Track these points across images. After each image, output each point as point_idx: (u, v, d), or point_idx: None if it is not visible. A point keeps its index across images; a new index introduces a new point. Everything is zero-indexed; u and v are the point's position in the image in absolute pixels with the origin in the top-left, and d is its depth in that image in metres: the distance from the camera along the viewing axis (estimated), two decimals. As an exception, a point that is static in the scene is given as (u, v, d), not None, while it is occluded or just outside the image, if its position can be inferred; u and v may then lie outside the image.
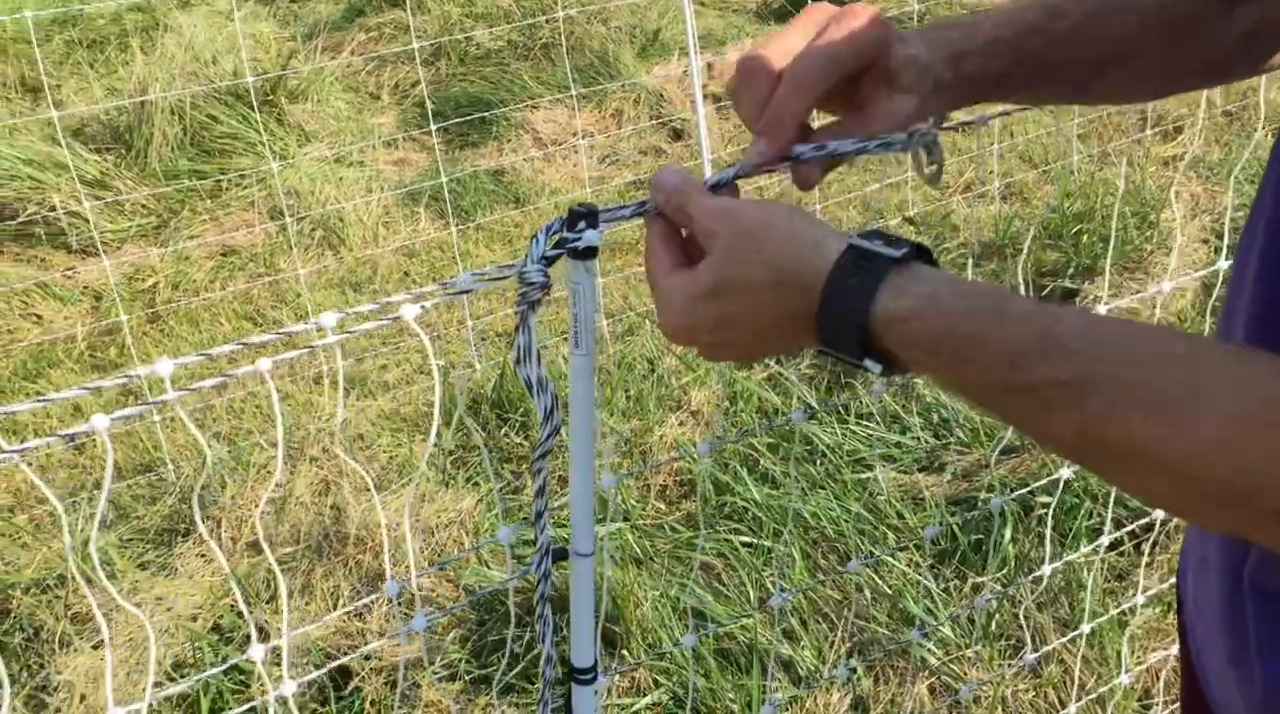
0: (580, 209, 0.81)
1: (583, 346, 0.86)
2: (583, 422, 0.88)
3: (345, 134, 4.51)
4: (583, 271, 0.82)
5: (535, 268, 0.80)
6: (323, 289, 3.64)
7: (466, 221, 3.99)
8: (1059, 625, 2.15)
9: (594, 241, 0.80)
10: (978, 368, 0.57)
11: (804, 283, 0.62)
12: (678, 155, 4.37)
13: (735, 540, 2.38)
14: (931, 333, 0.58)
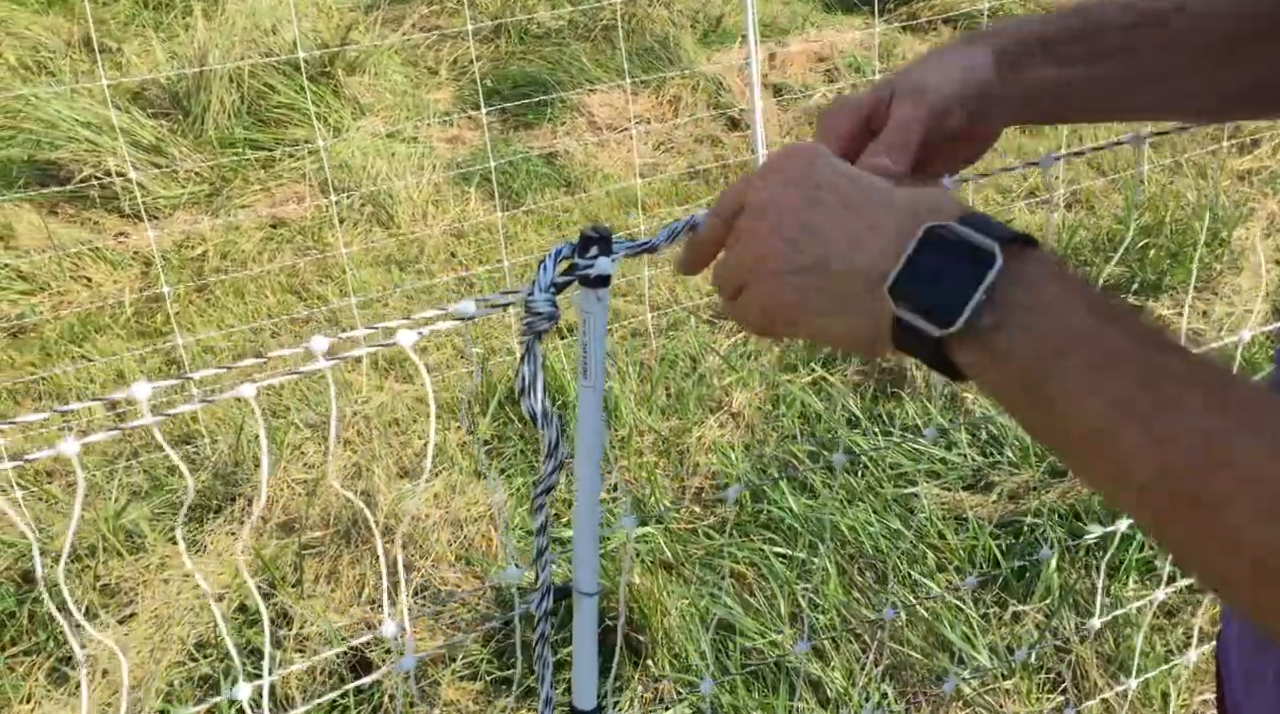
0: (593, 233, 0.76)
1: (591, 378, 0.81)
2: (589, 456, 0.83)
3: (400, 109, 4.48)
4: (594, 300, 0.77)
5: (543, 297, 0.75)
6: (369, 266, 3.62)
7: (516, 204, 3.95)
8: (1102, 662, 2.07)
9: (607, 270, 0.75)
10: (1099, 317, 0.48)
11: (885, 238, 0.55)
12: (734, 146, 4.29)
13: (769, 550, 2.32)
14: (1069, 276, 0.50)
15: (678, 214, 3.85)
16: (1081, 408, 0.47)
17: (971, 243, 0.51)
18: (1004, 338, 0.50)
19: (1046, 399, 0.49)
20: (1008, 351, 0.50)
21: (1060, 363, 0.48)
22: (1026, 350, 0.49)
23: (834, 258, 0.56)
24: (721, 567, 2.31)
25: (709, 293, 3.38)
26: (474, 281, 3.50)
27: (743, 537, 2.39)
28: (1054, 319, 0.49)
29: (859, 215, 0.56)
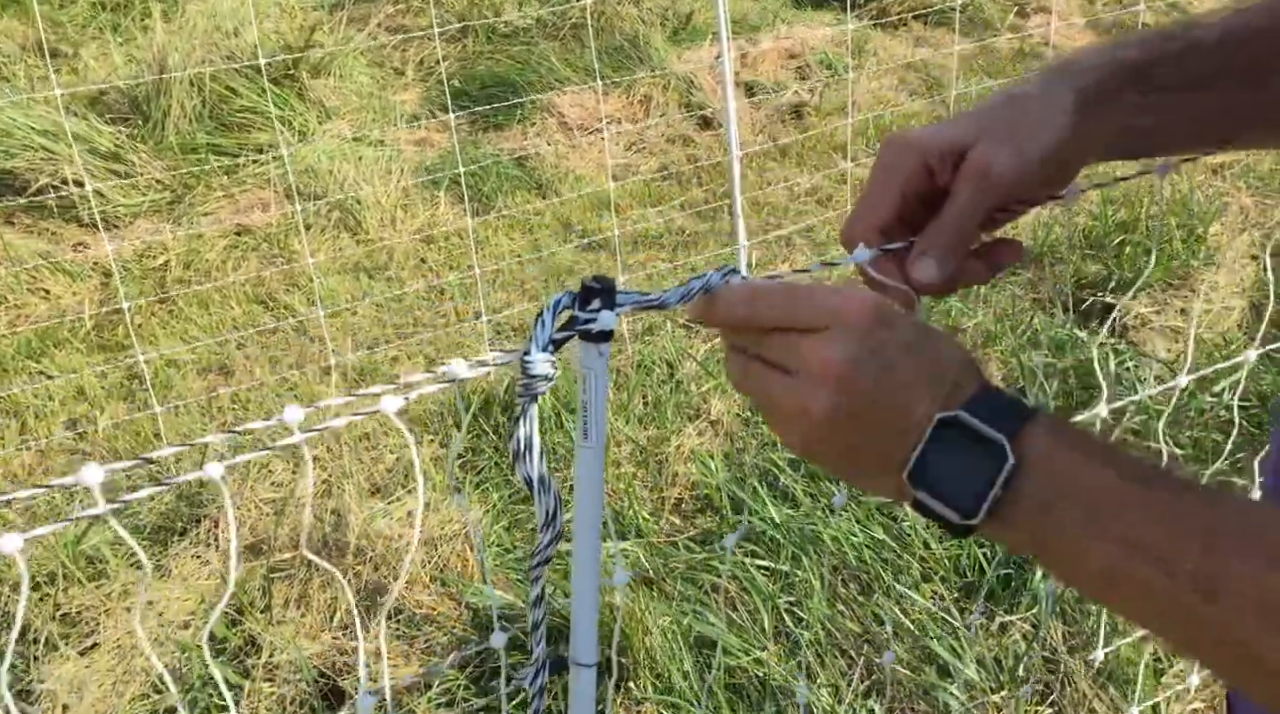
0: (595, 284, 0.70)
1: (591, 438, 0.75)
2: (589, 523, 0.77)
3: (367, 112, 4.40)
4: (595, 356, 0.71)
5: (541, 357, 0.69)
6: (337, 274, 3.54)
7: (487, 208, 3.88)
8: (1091, 672, 2.04)
9: (610, 324, 0.69)
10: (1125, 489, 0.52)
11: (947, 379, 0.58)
12: (706, 145, 4.24)
13: (751, 564, 2.27)
14: (1075, 488, 0.54)
15: (651, 216, 3.80)
16: (1090, 554, 0.52)
17: (980, 435, 0.54)
18: (1019, 514, 0.54)
19: (1059, 554, 0.54)
20: (1023, 525, 0.54)
21: (1068, 519, 0.53)
22: (1041, 524, 0.54)
23: (864, 444, 0.59)
24: (703, 581, 2.27)
25: (684, 296, 3.33)
26: (445, 288, 3.43)
27: (724, 549, 2.34)
28: (1065, 491, 0.53)
29: (893, 399, 0.57)
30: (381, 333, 3.25)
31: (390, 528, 2.26)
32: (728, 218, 3.68)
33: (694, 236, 3.67)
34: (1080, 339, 2.90)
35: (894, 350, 0.58)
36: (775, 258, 3.52)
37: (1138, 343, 2.99)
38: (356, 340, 3.21)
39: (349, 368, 3.03)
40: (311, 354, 3.15)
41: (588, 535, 0.79)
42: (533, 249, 3.64)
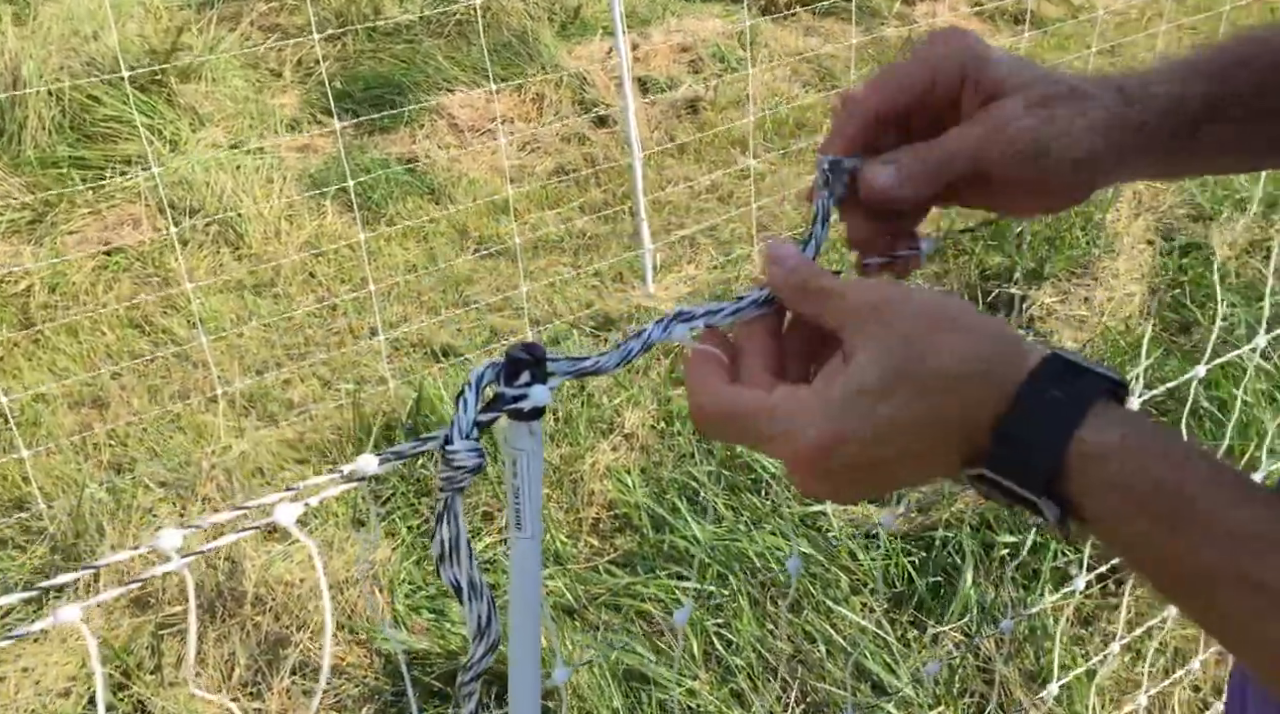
0: (522, 355, 0.59)
1: (527, 528, 0.64)
2: (528, 622, 0.67)
3: (243, 117, 4.17)
4: (525, 435, 0.61)
5: (465, 446, 0.58)
6: (219, 293, 3.33)
7: (377, 216, 3.71)
8: (1025, 679, 2.00)
9: (543, 401, 0.59)
10: (1192, 541, 0.45)
11: (997, 378, 0.49)
12: (603, 144, 4.13)
13: (676, 586, 2.19)
14: (1148, 478, 0.46)
15: (550, 220, 3.67)
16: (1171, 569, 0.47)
17: (1015, 494, 0.49)
18: (1095, 529, 0.49)
19: (1139, 564, 0.48)
20: (1103, 535, 0.49)
21: (1140, 539, 0.47)
22: (1117, 533, 0.48)
23: (890, 482, 0.53)
24: (627, 607, 2.17)
25: (589, 302, 3.23)
26: (337, 304, 3.26)
27: (647, 572, 2.25)
28: (1125, 525, 0.47)
29: (893, 474, 0.52)
30: (271, 355, 3.07)
31: (290, 573, 2.11)
32: (629, 219, 3.59)
33: (596, 240, 3.57)
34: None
35: (864, 455, 0.50)
36: (680, 259, 3.44)
37: (1045, 334, 2.99)
38: (244, 364, 3.03)
39: (237, 395, 2.84)
40: (195, 381, 2.95)
41: (527, 637, 0.68)
42: (428, 259, 3.49)
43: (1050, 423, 0.47)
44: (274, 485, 2.47)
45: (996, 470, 0.48)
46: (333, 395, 2.86)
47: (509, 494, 0.63)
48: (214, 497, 2.41)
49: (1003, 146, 0.58)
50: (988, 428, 0.48)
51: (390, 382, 2.82)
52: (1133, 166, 0.60)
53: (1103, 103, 0.59)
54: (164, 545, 0.55)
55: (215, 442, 2.63)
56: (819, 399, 0.50)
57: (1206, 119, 0.59)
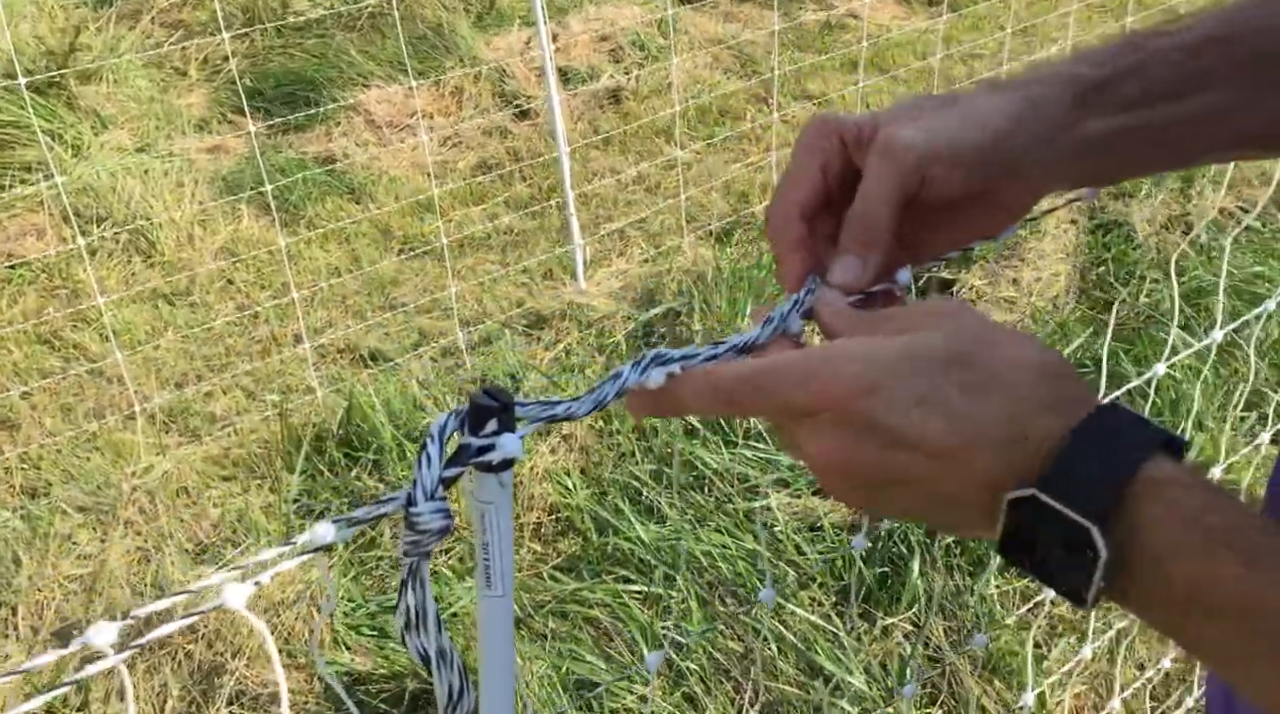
0: (487, 401, 0.54)
1: (497, 586, 0.60)
2: (501, 686, 0.62)
3: (149, 119, 4.01)
4: (495, 487, 0.56)
5: (430, 508, 0.53)
6: (132, 304, 3.20)
7: (296, 219, 3.60)
8: (975, 666, 2.01)
9: (514, 452, 0.54)
10: (1259, 582, 0.40)
11: (1063, 396, 0.46)
12: (525, 137, 4.06)
13: (623, 589, 2.15)
14: (1225, 519, 0.42)
15: (476, 216, 3.60)
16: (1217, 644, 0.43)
17: (1064, 519, 0.44)
18: (1139, 596, 0.44)
19: (1189, 638, 0.44)
20: (1147, 604, 0.45)
21: (1189, 613, 0.43)
22: (1157, 605, 0.44)
23: (927, 512, 0.49)
24: (574, 614, 2.13)
25: (519, 301, 3.17)
26: (258, 311, 3.15)
27: (593, 577, 2.21)
28: (1175, 576, 0.43)
29: (924, 475, 0.47)
30: (190, 367, 2.95)
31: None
32: (556, 214, 3.53)
33: (523, 236, 3.51)
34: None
35: (897, 418, 0.46)
36: (610, 253, 3.39)
37: (976, 317, 3.01)
38: (162, 378, 2.91)
39: (157, 411, 2.73)
40: (111, 398, 2.83)
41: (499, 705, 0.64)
42: (352, 261, 3.39)
43: (1120, 450, 0.43)
44: (200, 506, 2.37)
45: (1050, 490, 0.43)
46: (258, 407, 2.76)
47: (478, 549, 0.58)
48: (136, 520, 2.31)
49: (902, 167, 0.56)
50: (1044, 449, 0.45)
51: (318, 390, 2.73)
52: (1041, 163, 0.57)
53: (986, 101, 0.58)
54: (97, 642, 0.49)
55: (135, 461, 2.52)
56: (868, 348, 0.47)
57: (1083, 102, 0.57)
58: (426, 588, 0.56)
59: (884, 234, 0.57)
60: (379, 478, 2.44)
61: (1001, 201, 0.59)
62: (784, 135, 4.00)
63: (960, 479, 0.46)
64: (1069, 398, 0.46)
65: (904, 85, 4.41)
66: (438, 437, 0.54)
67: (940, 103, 0.58)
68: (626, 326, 2.95)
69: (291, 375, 2.90)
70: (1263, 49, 0.58)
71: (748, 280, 2.97)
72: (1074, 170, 0.59)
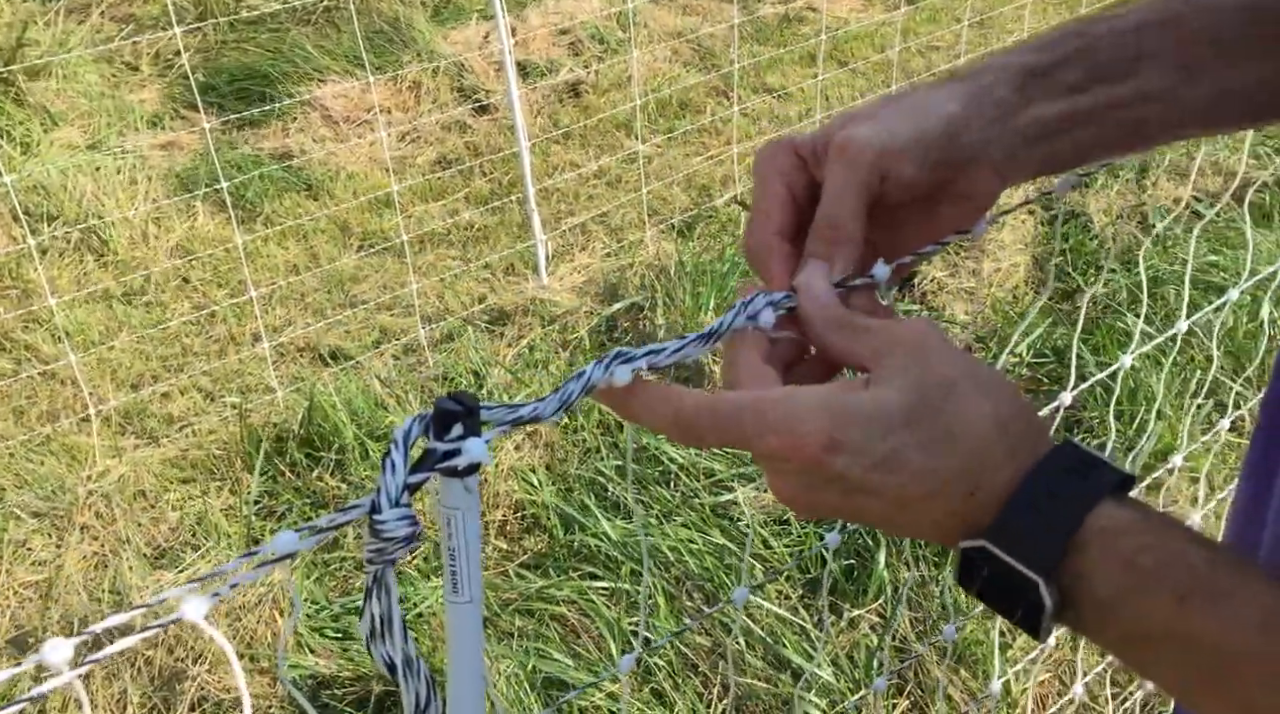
0: (451, 406, 0.53)
1: (464, 591, 0.58)
2: (469, 695, 0.61)
3: (100, 115, 3.94)
4: (461, 492, 0.55)
5: (395, 515, 0.52)
6: (85, 304, 3.14)
7: (253, 216, 3.55)
8: (941, 657, 2.02)
9: (480, 456, 0.53)
10: (1214, 620, 0.43)
11: (1014, 450, 0.47)
12: (485, 132, 4.03)
13: (590, 587, 2.14)
14: (1168, 550, 0.44)
15: (435, 212, 3.57)
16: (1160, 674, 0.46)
17: (1012, 569, 0.46)
18: (1088, 628, 0.47)
19: (1138, 667, 0.48)
20: (1095, 633, 0.47)
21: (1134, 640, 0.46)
22: (1108, 638, 0.47)
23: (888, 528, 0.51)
24: (541, 612, 2.12)
25: (481, 297, 3.15)
26: (215, 310, 3.10)
27: (560, 574, 2.20)
28: (1121, 615, 0.45)
29: (886, 516, 0.49)
30: (146, 368, 2.90)
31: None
32: (517, 209, 3.51)
33: (484, 231, 3.48)
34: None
35: (858, 473, 0.47)
36: (572, 247, 3.38)
37: (938, 308, 3.03)
38: (117, 379, 2.86)
39: (112, 413, 2.68)
40: (65, 401, 2.77)
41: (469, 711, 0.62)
42: (310, 259, 3.35)
43: (1066, 501, 0.45)
44: (158, 510, 2.33)
45: (1000, 543, 0.46)
46: (216, 408, 2.72)
47: (444, 555, 0.57)
48: (93, 525, 2.27)
49: (860, 167, 0.56)
50: (997, 499, 0.46)
51: (278, 390, 2.69)
52: (996, 150, 0.57)
53: (934, 94, 0.58)
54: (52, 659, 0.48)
55: (91, 465, 2.48)
56: (830, 403, 0.47)
57: (1030, 86, 0.58)
58: (392, 595, 0.55)
59: (849, 234, 0.56)
60: (341, 478, 2.41)
61: (964, 192, 0.58)
62: (744, 128, 4.00)
63: (918, 522, 0.48)
64: (1022, 448, 0.47)
65: (863, 78, 4.43)
66: (402, 443, 0.53)
67: (891, 101, 0.58)
68: (590, 322, 2.93)
69: (250, 375, 2.86)
70: (1200, 28, 0.58)
71: (710, 274, 2.97)
72: (1029, 156, 0.59)
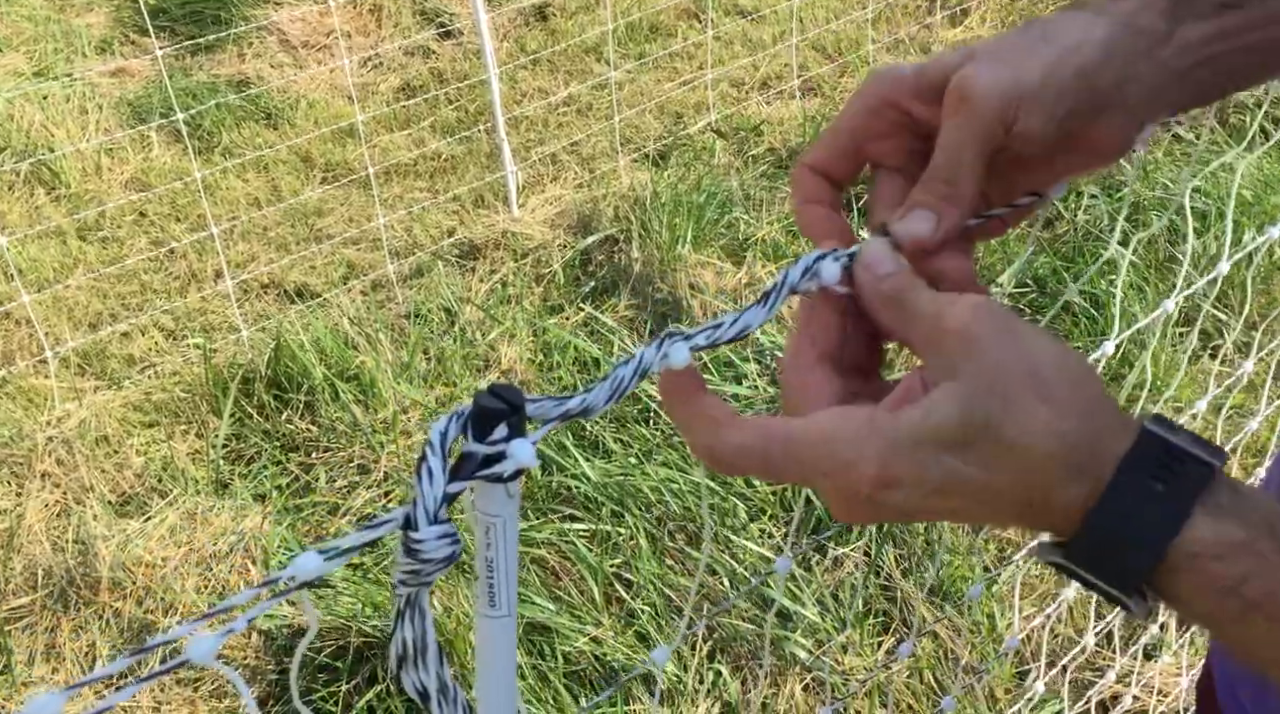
0: (496, 404, 0.46)
1: (501, 605, 0.52)
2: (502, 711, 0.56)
3: (45, 41, 3.76)
4: (503, 499, 0.48)
5: (433, 534, 0.45)
6: (37, 241, 3.02)
7: (210, 146, 3.42)
8: (924, 593, 2.01)
9: (528, 460, 0.46)
10: None
11: (1085, 463, 0.42)
12: (450, 57, 3.90)
13: (571, 530, 2.10)
14: (1268, 587, 0.40)
15: (401, 142, 3.45)
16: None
17: (1102, 590, 0.43)
18: (1189, 613, 0.43)
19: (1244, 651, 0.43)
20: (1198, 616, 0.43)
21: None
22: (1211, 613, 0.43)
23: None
24: (521, 556, 2.08)
25: (451, 230, 3.05)
26: (175, 247, 2.99)
27: (539, 516, 2.15)
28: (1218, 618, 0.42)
29: (960, 518, 0.45)
30: (104, 307, 2.80)
31: (150, 552, 1.93)
32: (486, 138, 3.40)
33: (452, 161, 3.37)
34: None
35: (917, 502, 0.43)
36: (543, 178, 3.28)
37: (918, 238, 2.97)
38: (74, 319, 2.76)
39: (70, 355, 2.59)
40: (20, 342, 2.67)
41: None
42: (272, 191, 3.24)
43: (1150, 521, 0.41)
44: (122, 455, 2.26)
45: (1080, 563, 0.42)
46: (179, 348, 2.63)
47: (480, 566, 0.51)
48: (54, 472, 2.20)
49: (982, 117, 0.49)
50: (1074, 516, 0.42)
51: (243, 329, 2.61)
52: (1154, 78, 0.50)
53: (1071, 19, 0.51)
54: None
55: (50, 409, 2.39)
56: (882, 432, 0.43)
57: (1172, 12, 0.51)
58: (427, 619, 0.48)
59: (966, 190, 0.50)
60: (311, 420, 2.34)
61: (1094, 144, 0.52)
62: (718, 53, 3.89)
63: (991, 524, 0.48)
64: (1095, 453, 0.42)
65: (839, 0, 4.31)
66: (439, 446, 0.45)
67: (1020, 34, 0.51)
68: (563, 255, 2.86)
69: (214, 313, 2.77)
70: None
71: (687, 205, 2.89)
72: (1175, 92, 0.52)
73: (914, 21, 4.20)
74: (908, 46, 4.08)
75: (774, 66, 3.86)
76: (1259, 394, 2.20)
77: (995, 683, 1.87)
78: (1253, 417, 1.67)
